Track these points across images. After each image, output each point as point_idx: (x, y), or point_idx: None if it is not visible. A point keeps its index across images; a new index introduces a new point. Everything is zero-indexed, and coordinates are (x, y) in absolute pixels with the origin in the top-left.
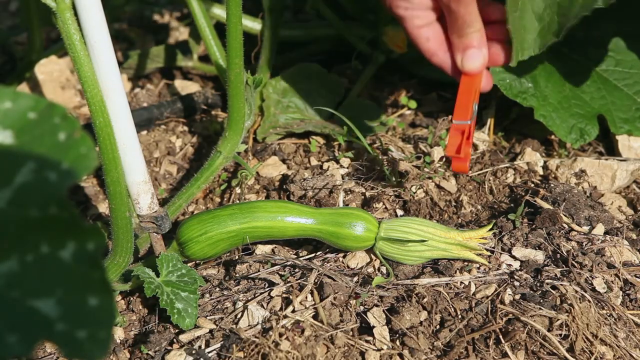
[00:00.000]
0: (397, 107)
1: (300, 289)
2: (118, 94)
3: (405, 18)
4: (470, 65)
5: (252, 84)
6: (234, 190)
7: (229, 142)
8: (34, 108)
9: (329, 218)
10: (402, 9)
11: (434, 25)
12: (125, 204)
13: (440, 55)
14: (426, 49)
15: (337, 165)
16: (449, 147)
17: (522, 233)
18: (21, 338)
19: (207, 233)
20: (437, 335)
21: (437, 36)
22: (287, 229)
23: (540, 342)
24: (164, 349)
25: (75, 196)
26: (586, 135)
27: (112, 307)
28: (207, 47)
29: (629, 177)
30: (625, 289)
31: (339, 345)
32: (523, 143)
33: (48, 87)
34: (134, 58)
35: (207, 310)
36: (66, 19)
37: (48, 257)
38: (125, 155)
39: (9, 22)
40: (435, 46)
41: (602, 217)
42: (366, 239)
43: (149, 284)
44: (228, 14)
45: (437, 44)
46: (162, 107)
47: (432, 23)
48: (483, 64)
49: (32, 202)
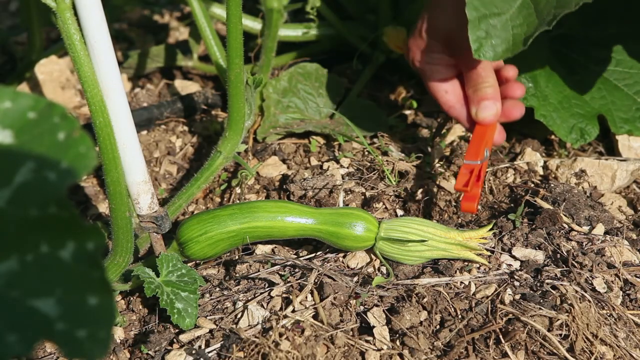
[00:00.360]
0: (397, 107)
1: (300, 289)
2: (118, 94)
3: (426, 72)
4: (483, 114)
5: (252, 84)
6: (234, 190)
7: (229, 142)
8: (34, 108)
9: (329, 218)
10: (424, 63)
11: (453, 82)
12: (125, 204)
13: (457, 108)
14: (444, 101)
15: (337, 165)
16: (458, 183)
17: (522, 233)
18: (21, 338)
19: (207, 233)
20: (437, 335)
21: (455, 91)
22: (287, 229)
23: (540, 342)
24: (164, 348)
25: (75, 196)
26: (586, 135)
27: (112, 306)
28: (207, 47)
29: (629, 177)
30: (625, 289)
31: (339, 345)
32: (523, 143)
33: (48, 87)
34: (134, 57)
35: (207, 310)
36: (66, 19)
37: (48, 257)
38: (125, 155)
39: (9, 22)
40: (453, 99)
41: (602, 217)
42: (366, 239)
43: (149, 284)
44: (228, 14)
45: (454, 97)
46: (162, 107)
47: (451, 79)
48: (496, 115)
49: (31, 201)
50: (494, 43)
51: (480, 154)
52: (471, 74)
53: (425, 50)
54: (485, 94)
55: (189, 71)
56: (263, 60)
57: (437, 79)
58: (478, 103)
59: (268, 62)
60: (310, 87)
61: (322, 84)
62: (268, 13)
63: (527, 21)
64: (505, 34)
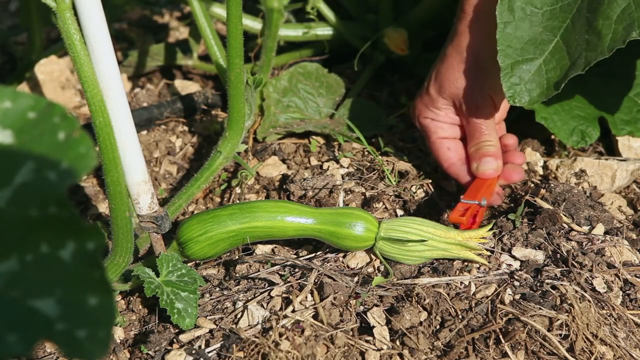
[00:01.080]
0: (397, 107)
1: (300, 289)
2: (118, 93)
3: (430, 128)
4: (483, 168)
5: (252, 84)
6: (234, 190)
7: (229, 142)
8: (34, 108)
9: (329, 218)
10: (428, 120)
11: (456, 141)
12: (125, 204)
13: (458, 165)
14: (446, 158)
15: (337, 165)
16: (453, 214)
17: (522, 233)
18: (21, 337)
19: (207, 233)
20: (437, 335)
21: (457, 149)
22: (287, 229)
23: (540, 342)
24: (164, 348)
25: (75, 196)
26: (587, 137)
27: (112, 306)
28: (207, 47)
29: (629, 177)
30: (625, 289)
31: (339, 345)
32: (523, 143)
33: (48, 87)
34: (133, 56)
35: (207, 310)
36: (66, 19)
37: (48, 257)
38: (125, 155)
39: (9, 22)
40: (455, 157)
41: (602, 217)
42: (366, 238)
43: (148, 284)
44: (228, 14)
45: (456, 155)
46: (162, 107)
47: (454, 138)
48: (497, 170)
49: (31, 201)
50: (528, 88)
51: (478, 197)
52: (473, 129)
53: (431, 106)
54: (487, 151)
55: (189, 71)
56: (263, 60)
57: (441, 137)
58: (479, 159)
59: (268, 62)
60: (310, 87)
61: (322, 83)
62: (268, 13)
63: (560, 64)
64: (540, 78)
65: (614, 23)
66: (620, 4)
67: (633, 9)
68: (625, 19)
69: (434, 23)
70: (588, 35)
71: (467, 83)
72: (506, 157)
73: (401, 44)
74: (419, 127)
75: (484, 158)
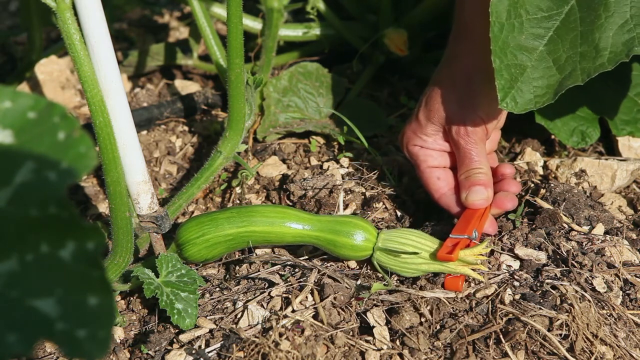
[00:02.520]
0: (397, 107)
1: (300, 289)
2: (118, 93)
3: (420, 157)
4: (472, 198)
5: (252, 84)
6: (234, 190)
7: (229, 142)
8: (34, 107)
9: (328, 225)
10: (417, 148)
11: (446, 170)
12: (125, 204)
13: (448, 195)
14: (436, 189)
15: (337, 165)
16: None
17: (522, 233)
18: (21, 337)
19: (204, 235)
20: (437, 335)
21: (447, 178)
22: (284, 235)
23: (540, 342)
24: (164, 348)
25: (75, 196)
26: (588, 137)
27: (112, 306)
28: (207, 47)
29: (629, 177)
30: (625, 288)
31: (339, 345)
32: (523, 143)
33: (48, 87)
34: (134, 55)
35: (207, 310)
36: (66, 19)
37: (48, 257)
38: (125, 155)
39: (9, 22)
40: (444, 187)
41: (602, 217)
42: (364, 248)
43: (148, 284)
44: (228, 14)
45: (446, 185)
46: (162, 107)
47: (444, 167)
48: (486, 200)
49: (31, 201)
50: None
51: (468, 230)
52: (464, 159)
53: (419, 133)
54: (477, 179)
55: (189, 71)
56: (263, 60)
57: (431, 165)
58: (469, 188)
59: (268, 62)
60: (310, 87)
61: (322, 83)
62: (268, 13)
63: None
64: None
65: (611, 37)
66: (618, 21)
67: (632, 26)
68: (625, 34)
69: (434, 24)
70: (581, 48)
71: (458, 105)
72: (501, 185)
73: (401, 44)
74: (408, 156)
75: (473, 187)
